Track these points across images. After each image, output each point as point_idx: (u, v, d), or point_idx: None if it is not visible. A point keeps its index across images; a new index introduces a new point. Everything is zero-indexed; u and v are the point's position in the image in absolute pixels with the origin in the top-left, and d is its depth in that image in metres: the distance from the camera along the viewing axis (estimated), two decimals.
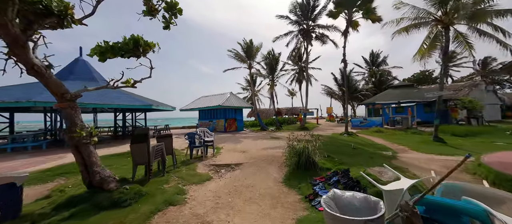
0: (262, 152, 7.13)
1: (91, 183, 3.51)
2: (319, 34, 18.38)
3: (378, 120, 17.06)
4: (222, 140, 10.75)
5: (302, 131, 15.47)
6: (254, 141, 10.20)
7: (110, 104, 10.48)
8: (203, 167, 5.49)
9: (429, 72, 37.90)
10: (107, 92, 11.73)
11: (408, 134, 12.69)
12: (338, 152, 6.84)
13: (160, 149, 4.51)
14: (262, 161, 5.93)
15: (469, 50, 9.18)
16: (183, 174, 4.82)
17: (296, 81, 29.91)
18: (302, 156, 4.82)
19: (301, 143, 5.09)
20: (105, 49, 4.19)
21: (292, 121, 26.70)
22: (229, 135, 13.87)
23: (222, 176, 4.95)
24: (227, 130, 16.37)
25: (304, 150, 4.85)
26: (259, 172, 5.14)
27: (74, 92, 3.77)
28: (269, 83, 20.86)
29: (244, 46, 17.93)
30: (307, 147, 4.92)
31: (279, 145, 8.48)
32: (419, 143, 9.03)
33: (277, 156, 6.29)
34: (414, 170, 5.28)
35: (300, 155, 4.88)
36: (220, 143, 9.59)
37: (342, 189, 3.63)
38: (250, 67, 18.75)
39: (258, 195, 3.88)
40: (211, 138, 6.78)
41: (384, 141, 10.23)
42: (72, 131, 3.48)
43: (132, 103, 11.12)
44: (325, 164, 5.13)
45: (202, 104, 17.43)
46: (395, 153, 7.28)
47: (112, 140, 12.32)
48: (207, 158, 6.38)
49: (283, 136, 11.92)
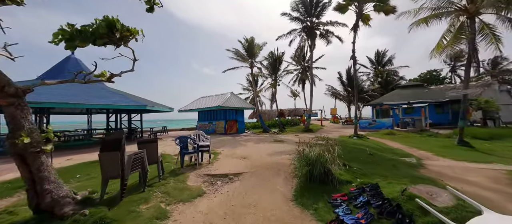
0: (266, 158, 6.21)
1: (39, 206, 2.63)
2: (324, 31, 17.48)
3: (388, 121, 16.04)
4: (221, 144, 9.85)
5: (307, 134, 14.48)
6: (256, 144, 9.28)
7: (96, 104, 9.56)
8: (196, 178, 4.58)
9: (437, 72, 36.74)
10: (94, 90, 10.93)
11: (423, 137, 11.68)
12: (352, 158, 5.88)
13: (139, 158, 3.61)
14: (266, 170, 5.01)
15: (496, 44, 8.18)
16: (169, 188, 3.91)
17: (299, 81, 29.02)
18: (317, 166, 3.90)
19: (314, 149, 4.17)
20: (70, 34, 3.32)
21: (295, 123, 25.73)
22: (230, 137, 12.97)
23: (218, 190, 4.04)
24: (227, 132, 15.48)
25: (319, 159, 3.92)
26: (262, 185, 4.23)
27: (22, 86, 2.91)
28: (272, 83, 19.95)
29: (245, 44, 17.09)
30: (322, 155, 3.99)
31: (284, 149, 7.55)
32: (441, 148, 8.03)
33: (283, 164, 5.37)
34: (452, 182, 4.32)
35: (314, 164, 3.96)
36: (218, 147, 8.69)
37: (376, 213, 2.70)
38: (252, 66, 17.89)
39: (262, 220, 2.96)
40: (207, 143, 5.88)
41: (401, 145, 9.25)
42: (16, 136, 2.61)
43: (124, 103, 10.28)
44: (343, 175, 4.20)
45: (201, 105, 16.57)
46: (419, 160, 6.31)
47: None
48: (202, 166, 5.48)
49: (287, 139, 10.98)
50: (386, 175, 4.64)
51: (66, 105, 8.48)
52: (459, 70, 37.02)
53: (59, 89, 10.13)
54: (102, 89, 11.82)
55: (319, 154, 4.03)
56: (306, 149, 4.29)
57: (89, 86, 11.77)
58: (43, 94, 9.05)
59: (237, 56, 17.34)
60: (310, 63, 18.33)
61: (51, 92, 9.59)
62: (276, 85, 19.71)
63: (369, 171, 4.84)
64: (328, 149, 4.32)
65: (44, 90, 9.52)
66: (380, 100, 21.38)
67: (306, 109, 30.04)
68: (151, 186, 3.94)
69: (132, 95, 13.59)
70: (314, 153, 4.05)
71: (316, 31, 17.40)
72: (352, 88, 30.30)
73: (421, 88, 21.91)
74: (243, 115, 17.76)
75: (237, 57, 17.35)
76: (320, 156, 3.99)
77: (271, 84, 20.02)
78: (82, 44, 3.45)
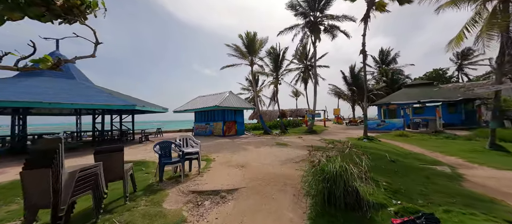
0: (268, 168, 5.15)
1: None
2: (328, 26, 16.42)
3: (398, 122, 14.93)
4: (217, 147, 8.79)
5: (311, 135, 13.36)
6: (256, 148, 8.22)
7: (76, 103, 8.48)
8: (177, 197, 3.52)
9: (443, 70, 35.55)
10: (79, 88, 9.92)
11: (441, 139, 10.57)
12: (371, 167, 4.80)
13: (91, 176, 2.56)
14: (268, 185, 3.95)
15: None
16: (136, 214, 2.85)
17: (301, 80, 27.95)
18: (339, 184, 2.83)
19: (334, 160, 3.10)
20: None
21: (297, 124, 24.67)
22: (228, 140, 11.91)
23: (204, 215, 2.99)
24: (225, 134, 14.42)
25: (342, 175, 2.86)
26: (264, 207, 3.17)
27: None
28: (273, 81, 18.88)
29: (246, 39, 16.04)
30: (345, 167, 2.93)
31: (289, 155, 6.49)
32: (470, 153, 6.94)
33: (290, 177, 4.31)
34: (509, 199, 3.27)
35: (334, 181, 2.89)
36: (213, 152, 7.64)
37: None
38: (252, 63, 16.83)
39: None
40: (196, 149, 4.83)
41: (420, 149, 8.17)
42: None
43: (110, 102, 9.23)
44: (372, 195, 3.13)
45: (198, 105, 15.52)
46: (453, 168, 5.22)
47: (89, 147, 10.43)
48: (189, 178, 4.42)
49: (291, 142, 9.92)
50: (424, 192, 3.58)
51: (40, 104, 7.44)
52: (466, 68, 35.91)
53: (40, 87, 9.14)
54: (88, 88, 10.82)
55: (342, 166, 2.96)
56: (322, 159, 3.22)
57: (74, 83, 10.76)
58: (16, 92, 8.06)
59: (237, 52, 16.29)
60: (314, 60, 17.27)
61: (28, 90, 8.60)
62: (278, 83, 18.65)
63: (400, 186, 3.77)
64: (351, 158, 3.26)
65: (19, 88, 8.52)
66: (387, 100, 20.26)
67: (309, 109, 28.95)
68: (111, 211, 2.88)
69: (122, 94, 12.57)
70: (334, 165, 2.98)
71: (320, 26, 16.35)
72: (357, 87, 29.21)
73: (430, 86, 20.79)
74: (242, 116, 16.70)
75: (236, 53, 16.30)
76: (343, 170, 2.92)
77: (272, 83, 18.95)
78: (10, 15, 2.39)
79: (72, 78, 11.19)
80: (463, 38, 8.43)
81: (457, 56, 35.99)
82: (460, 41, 8.47)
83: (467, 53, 34.70)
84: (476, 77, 34.92)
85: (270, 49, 17.85)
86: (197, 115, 16.79)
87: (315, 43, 16.40)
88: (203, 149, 8.49)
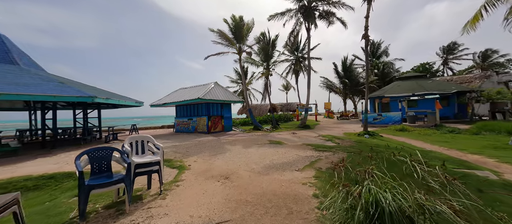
0: (261, 180, 3.70)
1: None
2: (324, 12, 15.08)
3: (396, 115, 14.15)
4: (197, 148, 7.21)
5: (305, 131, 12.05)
6: (245, 149, 6.76)
7: (6, 94, 6.33)
8: None
9: (429, 64, 36.02)
10: (19, 76, 7.77)
11: (446, 134, 9.77)
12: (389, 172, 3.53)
13: None
14: (264, 215, 2.50)
15: None
16: None
17: (293, 72, 26.69)
18: None
19: (379, 188, 1.71)
20: None
21: (288, 118, 23.51)
22: (212, 138, 10.32)
23: None
24: (211, 131, 12.79)
25: (391, 211, 1.47)
26: None
27: None
28: (264, 71, 17.35)
29: (232, 24, 14.27)
30: (396, 196, 1.55)
31: (286, 158, 5.09)
32: (494, 150, 5.99)
33: (295, 196, 2.89)
34: None
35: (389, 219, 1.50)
36: (192, 154, 6.08)
37: None
38: (240, 52, 15.14)
39: None
40: (156, 158, 3.25)
41: (431, 146, 7.18)
42: None
43: (58, 93, 7.20)
44: None
45: (178, 98, 13.64)
46: (497, 173, 4.11)
47: (37, 149, 8.35)
48: (140, 204, 2.86)
49: (285, 139, 8.56)
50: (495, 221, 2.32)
51: None
52: (451, 62, 36.72)
53: None
54: (34, 75, 8.62)
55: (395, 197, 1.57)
56: (368, 185, 1.81)
57: (13, 69, 8.52)
58: None
59: (223, 39, 14.48)
60: (307, 49, 15.92)
61: None
62: (269, 74, 17.16)
63: None
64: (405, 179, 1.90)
65: None
66: (380, 93, 19.59)
67: (300, 103, 27.89)
68: None
69: (82, 84, 10.39)
70: (384, 196, 1.58)
71: (315, 12, 14.97)
72: (349, 79, 28.54)
73: (424, 79, 20.40)
74: (230, 110, 15.10)
75: (222, 40, 14.50)
76: (401, 207, 1.54)
77: (263, 73, 17.41)
78: None
79: (13, 64, 8.91)
80: (479, 18, 7.82)
81: (443, 50, 36.65)
82: (475, 22, 8.03)
83: (452, 47, 35.41)
84: (459, 71, 35.85)
85: (259, 36, 16.21)
86: (178, 109, 14.92)
87: (310, 30, 15.02)
88: (180, 151, 6.87)
